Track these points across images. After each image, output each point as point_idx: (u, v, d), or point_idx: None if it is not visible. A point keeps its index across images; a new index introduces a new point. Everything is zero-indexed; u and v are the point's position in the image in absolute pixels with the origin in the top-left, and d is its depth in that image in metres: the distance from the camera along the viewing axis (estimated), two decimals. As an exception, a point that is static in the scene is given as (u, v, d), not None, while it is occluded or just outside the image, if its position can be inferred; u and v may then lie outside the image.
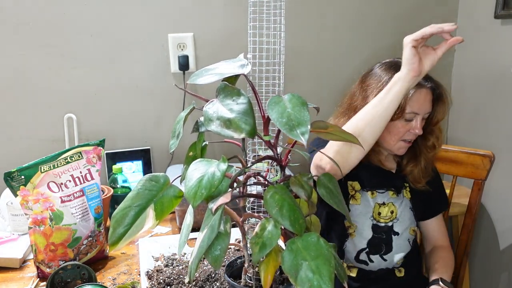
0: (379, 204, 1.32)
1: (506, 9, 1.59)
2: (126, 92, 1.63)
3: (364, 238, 1.33)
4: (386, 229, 1.32)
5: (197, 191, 0.68)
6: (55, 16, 1.51)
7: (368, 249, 1.32)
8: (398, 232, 1.33)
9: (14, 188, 1.08)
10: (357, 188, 1.32)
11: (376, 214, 1.32)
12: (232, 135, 0.69)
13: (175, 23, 1.61)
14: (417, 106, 1.22)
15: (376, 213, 1.32)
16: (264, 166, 0.89)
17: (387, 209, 1.32)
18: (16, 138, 1.57)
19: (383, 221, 1.32)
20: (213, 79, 0.79)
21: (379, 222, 1.32)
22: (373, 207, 1.32)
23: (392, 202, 1.33)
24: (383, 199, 1.32)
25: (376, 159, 1.32)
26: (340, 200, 0.78)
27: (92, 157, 1.18)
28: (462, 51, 1.84)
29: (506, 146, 1.65)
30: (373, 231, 1.32)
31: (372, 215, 1.32)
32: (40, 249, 1.11)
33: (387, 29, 1.79)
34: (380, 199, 1.32)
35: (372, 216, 1.32)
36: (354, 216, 1.32)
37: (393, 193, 1.33)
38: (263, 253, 0.70)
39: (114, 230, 0.74)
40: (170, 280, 0.99)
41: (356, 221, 1.32)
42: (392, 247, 1.33)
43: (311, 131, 0.68)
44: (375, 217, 1.32)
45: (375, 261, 1.33)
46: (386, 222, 1.32)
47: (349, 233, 1.33)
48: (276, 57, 0.84)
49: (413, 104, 1.22)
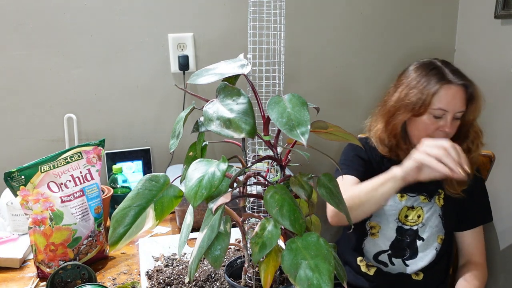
0: (408, 207, 1.30)
1: (506, 9, 1.59)
2: (126, 92, 1.63)
3: (387, 239, 1.31)
4: (411, 232, 1.30)
5: (197, 191, 0.68)
6: (55, 16, 1.51)
7: (390, 252, 1.30)
8: (423, 238, 1.31)
9: (14, 188, 1.08)
10: None
11: (402, 216, 1.30)
12: (232, 135, 0.69)
13: (175, 23, 1.61)
14: (445, 102, 1.20)
15: (402, 215, 1.30)
16: (264, 166, 0.89)
17: (414, 212, 1.30)
18: (16, 138, 1.57)
19: (408, 224, 1.30)
20: (213, 79, 0.79)
21: (405, 225, 1.30)
22: (400, 209, 1.30)
23: (421, 207, 1.31)
24: (413, 203, 1.30)
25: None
26: (340, 200, 0.78)
27: (92, 157, 1.18)
28: (462, 51, 1.84)
29: (506, 146, 1.65)
30: (397, 233, 1.30)
31: (398, 217, 1.30)
32: (40, 249, 1.11)
33: (387, 29, 1.79)
34: (410, 203, 1.30)
35: (398, 218, 1.30)
36: (378, 217, 1.31)
37: (425, 198, 1.31)
38: (263, 253, 0.70)
39: (114, 230, 0.74)
40: (170, 280, 0.99)
41: (380, 221, 1.31)
42: (417, 253, 1.30)
43: (311, 131, 0.68)
44: (401, 219, 1.30)
45: (396, 264, 1.30)
46: (411, 225, 1.30)
47: (372, 233, 1.32)
48: (276, 57, 0.84)
49: (440, 100, 1.20)
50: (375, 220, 1.33)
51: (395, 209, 1.30)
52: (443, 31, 1.84)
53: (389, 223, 1.31)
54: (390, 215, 1.30)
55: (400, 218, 1.30)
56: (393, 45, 1.80)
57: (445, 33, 1.84)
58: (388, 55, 1.81)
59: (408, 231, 1.30)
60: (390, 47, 1.80)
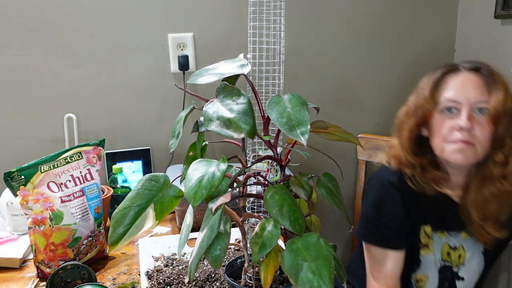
0: (450, 246, 1.11)
1: (506, 9, 1.58)
2: (126, 92, 1.63)
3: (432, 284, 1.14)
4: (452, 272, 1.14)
5: (197, 191, 0.68)
6: (55, 16, 1.51)
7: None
8: (463, 278, 1.13)
9: (14, 188, 1.08)
10: (430, 234, 1.10)
11: (445, 255, 1.11)
12: (232, 135, 0.69)
13: (175, 23, 1.61)
14: (454, 91, 0.99)
15: (445, 253, 1.11)
16: (264, 166, 0.89)
17: (457, 253, 1.11)
18: (16, 138, 1.57)
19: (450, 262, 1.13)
20: (213, 79, 0.79)
21: (446, 263, 1.12)
22: (441, 248, 1.11)
23: (462, 245, 1.11)
24: (455, 243, 1.11)
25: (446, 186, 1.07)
26: (340, 200, 0.78)
27: (92, 157, 1.18)
28: (462, 51, 1.84)
29: (506, 146, 1.65)
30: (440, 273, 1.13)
31: (441, 257, 1.11)
32: (40, 249, 1.10)
33: (386, 29, 1.79)
34: (452, 242, 1.11)
35: (442, 259, 1.12)
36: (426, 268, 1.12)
37: (466, 234, 1.10)
38: (263, 253, 0.70)
39: (114, 230, 0.74)
40: (170, 280, 0.99)
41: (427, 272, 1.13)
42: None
43: (311, 131, 0.68)
44: (445, 258, 1.12)
45: None
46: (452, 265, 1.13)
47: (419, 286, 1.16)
48: (276, 57, 0.84)
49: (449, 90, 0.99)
50: (422, 272, 1.14)
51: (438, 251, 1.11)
52: (443, 31, 1.84)
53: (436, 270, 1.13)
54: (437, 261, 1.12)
55: (444, 257, 1.11)
56: (393, 45, 1.80)
57: (445, 33, 1.84)
58: (388, 55, 1.81)
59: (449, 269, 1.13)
60: (390, 47, 1.80)
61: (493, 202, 1.02)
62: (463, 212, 1.06)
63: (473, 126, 0.97)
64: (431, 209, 1.07)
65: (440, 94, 1.01)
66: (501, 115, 0.97)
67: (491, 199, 1.02)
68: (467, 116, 0.97)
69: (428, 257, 1.11)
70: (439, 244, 1.11)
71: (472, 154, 0.99)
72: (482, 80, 0.99)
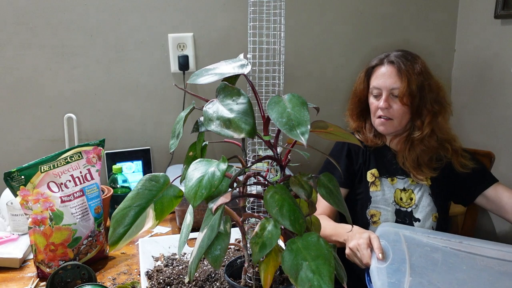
0: (400, 190, 1.38)
1: (506, 9, 1.59)
2: (126, 92, 1.63)
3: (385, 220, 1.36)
4: (406, 214, 1.36)
5: (197, 191, 0.68)
6: (55, 16, 1.51)
7: None
8: (419, 219, 1.36)
9: (14, 188, 1.08)
10: (377, 175, 1.40)
11: (398, 199, 1.38)
12: (232, 135, 0.69)
13: (175, 23, 1.61)
14: (377, 80, 1.35)
15: (398, 198, 1.38)
16: (264, 166, 0.89)
17: (407, 195, 1.38)
18: (16, 138, 1.57)
19: (404, 206, 1.37)
20: (213, 79, 0.79)
21: (401, 207, 1.37)
22: (394, 193, 1.38)
23: (411, 189, 1.38)
24: (404, 185, 1.38)
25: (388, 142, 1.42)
26: (340, 200, 0.78)
27: (92, 157, 1.18)
28: (462, 51, 1.84)
29: (506, 146, 1.65)
30: (396, 215, 1.37)
31: (394, 200, 1.38)
32: (40, 249, 1.11)
33: (387, 29, 1.79)
34: (401, 185, 1.38)
35: (395, 201, 1.38)
36: (376, 203, 1.38)
37: (413, 180, 1.38)
38: (263, 253, 0.70)
39: (114, 230, 0.74)
40: (170, 280, 0.99)
41: (379, 207, 1.38)
42: None
43: (311, 131, 0.68)
44: (397, 202, 1.38)
45: None
46: (406, 208, 1.37)
47: (374, 221, 1.38)
48: (276, 57, 0.84)
49: (374, 80, 1.36)
50: (374, 207, 1.39)
51: (389, 192, 1.38)
52: (443, 31, 1.84)
53: (388, 208, 1.37)
54: (387, 199, 1.38)
55: (397, 201, 1.38)
56: (393, 45, 1.80)
57: (445, 33, 1.84)
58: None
59: (405, 213, 1.37)
60: (390, 47, 1.79)
61: (423, 155, 1.35)
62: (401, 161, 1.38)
63: (391, 105, 1.33)
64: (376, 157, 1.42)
65: (370, 82, 1.39)
66: (411, 95, 1.31)
67: (421, 154, 1.35)
68: (384, 99, 1.33)
69: (377, 193, 1.39)
70: (391, 188, 1.39)
71: (391, 126, 1.36)
72: (396, 70, 1.32)
